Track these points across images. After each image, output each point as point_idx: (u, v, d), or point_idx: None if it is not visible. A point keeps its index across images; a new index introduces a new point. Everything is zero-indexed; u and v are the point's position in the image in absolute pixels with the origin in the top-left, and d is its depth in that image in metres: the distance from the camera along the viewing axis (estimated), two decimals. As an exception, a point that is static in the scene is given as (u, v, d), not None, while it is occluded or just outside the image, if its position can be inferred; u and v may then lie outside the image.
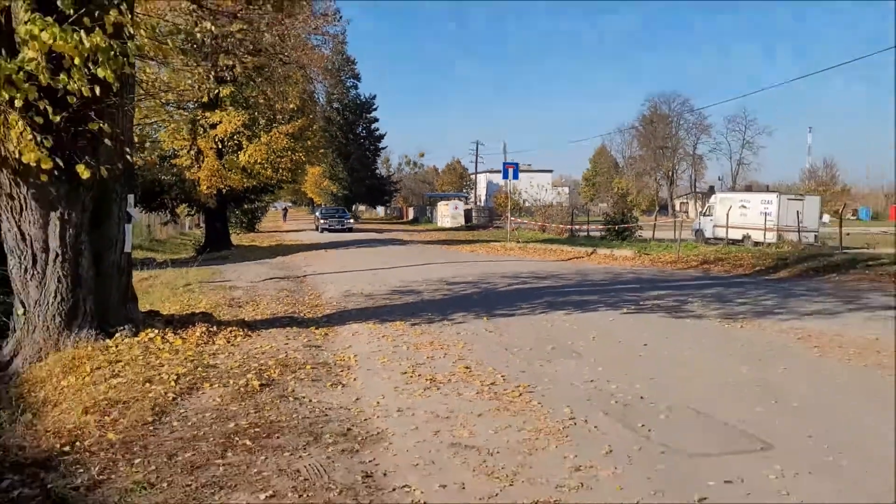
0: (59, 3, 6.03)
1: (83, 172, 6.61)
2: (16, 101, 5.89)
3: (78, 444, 5.06)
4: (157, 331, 8.17)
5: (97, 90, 6.21)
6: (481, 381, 7.13)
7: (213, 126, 22.51)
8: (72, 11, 6.01)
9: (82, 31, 5.81)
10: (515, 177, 27.63)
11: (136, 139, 9.54)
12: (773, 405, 6.29)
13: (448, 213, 55.04)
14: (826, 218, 41.33)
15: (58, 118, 6.19)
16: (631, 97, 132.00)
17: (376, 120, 61.01)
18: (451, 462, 5.02)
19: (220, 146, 24.03)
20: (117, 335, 7.78)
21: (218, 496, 4.36)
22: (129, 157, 7.94)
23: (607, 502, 4.31)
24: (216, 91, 19.84)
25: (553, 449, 5.25)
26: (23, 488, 4.17)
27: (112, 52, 6.00)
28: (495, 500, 4.37)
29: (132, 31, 6.60)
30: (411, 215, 70.18)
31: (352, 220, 48.52)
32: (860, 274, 17.00)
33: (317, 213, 50.96)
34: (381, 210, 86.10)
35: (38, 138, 6.23)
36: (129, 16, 6.76)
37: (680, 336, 9.57)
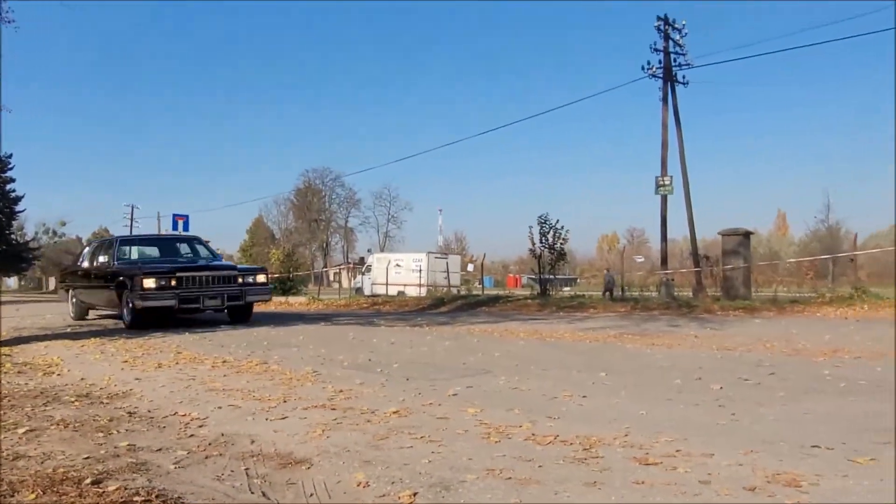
0: None
1: None
2: None
3: None
4: None
5: None
6: (212, 362, 7.11)
7: None
8: None
9: None
10: (186, 228, 26.74)
11: None
12: (480, 357, 7.41)
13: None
14: (471, 266, 47.16)
15: None
16: (288, 169, 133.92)
17: (12, 181, 53.05)
18: (216, 397, 5.08)
19: None
20: None
21: (-33, 432, 3.92)
22: None
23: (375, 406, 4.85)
24: None
25: (310, 385, 5.60)
26: None
27: None
28: (274, 407, 4.61)
29: None
30: (52, 286, 62.16)
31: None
32: (503, 306, 20.07)
33: (92, 256, 14.45)
34: (12, 282, 74.40)
35: None
36: None
37: (379, 334, 10.46)
